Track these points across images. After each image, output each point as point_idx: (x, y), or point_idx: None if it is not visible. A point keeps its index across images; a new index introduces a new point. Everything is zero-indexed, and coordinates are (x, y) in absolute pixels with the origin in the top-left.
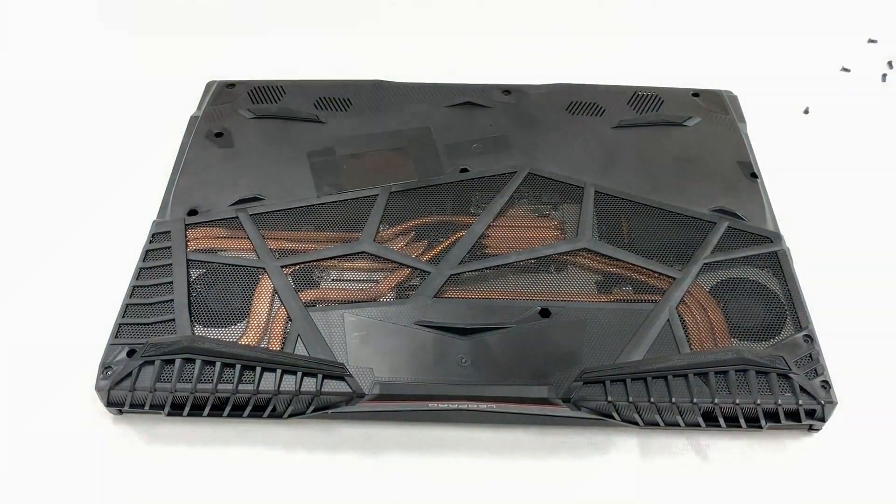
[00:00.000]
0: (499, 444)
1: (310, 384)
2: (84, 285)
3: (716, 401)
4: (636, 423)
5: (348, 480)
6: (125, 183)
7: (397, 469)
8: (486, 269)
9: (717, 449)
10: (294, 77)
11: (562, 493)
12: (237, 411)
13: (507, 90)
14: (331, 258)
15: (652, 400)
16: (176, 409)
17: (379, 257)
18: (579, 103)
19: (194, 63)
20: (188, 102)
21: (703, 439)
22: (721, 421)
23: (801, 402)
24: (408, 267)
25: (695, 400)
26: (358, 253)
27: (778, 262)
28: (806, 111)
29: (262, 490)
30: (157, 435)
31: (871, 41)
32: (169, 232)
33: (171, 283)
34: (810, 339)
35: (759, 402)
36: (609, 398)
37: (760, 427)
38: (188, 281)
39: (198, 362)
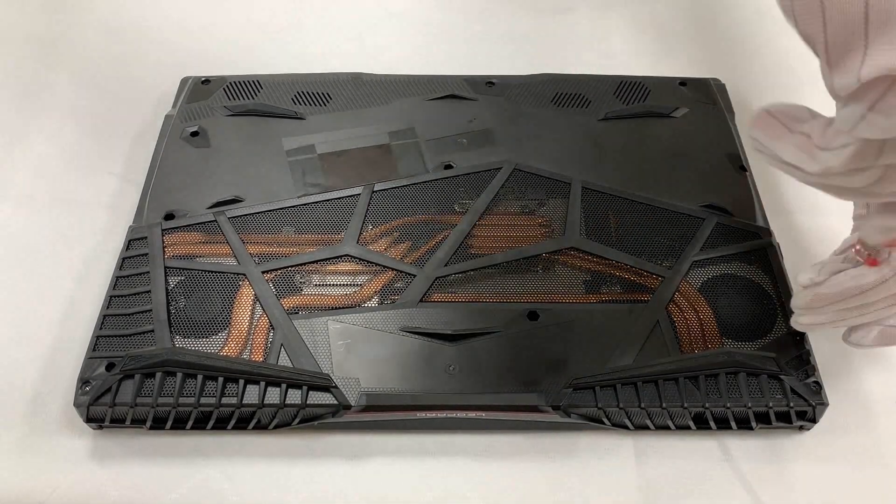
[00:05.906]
0: (489, 448)
1: (295, 396)
2: (60, 295)
3: (706, 405)
4: (626, 427)
5: (333, 488)
6: (100, 187)
7: (383, 476)
8: (473, 270)
9: (711, 448)
10: (270, 72)
11: (555, 497)
12: (221, 424)
13: (490, 81)
14: (313, 262)
15: (642, 405)
16: (158, 423)
17: (362, 260)
18: (565, 94)
19: (169, 59)
20: (164, 100)
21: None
22: (711, 423)
23: (791, 403)
24: (392, 270)
25: (685, 404)
26: (340, 256)
27: (767, 259)
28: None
29: (248, 501)
30: (139, 449)
31: None
32: (146, 238)
33: (150, 292)
34: (801, 337)
35: (749, 404)
36: (599, 404)
37: (751, 428)
38: (167, 290)
39: (179, 375)
